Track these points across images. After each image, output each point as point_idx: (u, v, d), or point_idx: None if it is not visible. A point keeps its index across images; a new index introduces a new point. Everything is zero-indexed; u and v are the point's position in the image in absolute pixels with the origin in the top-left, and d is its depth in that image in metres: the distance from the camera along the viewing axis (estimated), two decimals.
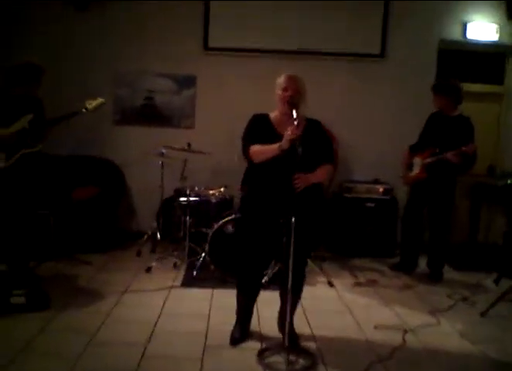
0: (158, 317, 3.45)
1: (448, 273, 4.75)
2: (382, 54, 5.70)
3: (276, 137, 2.92)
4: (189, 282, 4.19)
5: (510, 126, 6.04)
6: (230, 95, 5.71)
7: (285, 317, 3.16)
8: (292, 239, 2.77)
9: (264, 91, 5.73)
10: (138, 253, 4.99)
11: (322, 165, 2.99)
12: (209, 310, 3.62)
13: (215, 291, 4.04)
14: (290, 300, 2.88)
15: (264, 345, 3.06)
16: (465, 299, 4.09)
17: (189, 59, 5.67)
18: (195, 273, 4.28)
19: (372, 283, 4.50)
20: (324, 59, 5.68)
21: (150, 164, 5.57)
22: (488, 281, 4.56)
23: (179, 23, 5.61)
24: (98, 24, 5.57)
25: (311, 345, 3.12)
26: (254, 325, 3.28)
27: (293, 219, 2.78)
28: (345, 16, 5.62)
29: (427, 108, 4.96)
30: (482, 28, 5.64)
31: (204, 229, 4.74)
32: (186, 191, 4.79)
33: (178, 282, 4.23)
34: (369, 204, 5.37)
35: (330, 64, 5.72)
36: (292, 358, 2.85)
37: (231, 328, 3.20)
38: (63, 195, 4.82)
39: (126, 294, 3.89)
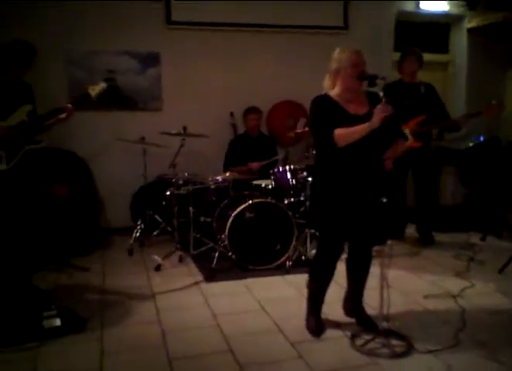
0: (215, 318, 3.19)
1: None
2: (346, 26, 5.71)
3: (348, 116, 2.79)
4: (211, 275, 3.92)
5: (454, 93, 6.45)
6: (198, 73, 5.39)
7: (356, 300, 3.13)
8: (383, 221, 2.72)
9: (232, 66, 5.50)
10: (130, 252, 4.56)
11: (397, 140, 2.91)
12: (260, 304, 3.43)
13: (245, 281, 3.83)
14: (386, 282, 2.81)
15: (347, 333, 2.97)
16: (471, 259, 4.34)
17: (150, 35, 5.19)
18: (214, 264, 4.02)
19: (379, 253, 4.58)
20: (290, 32, 5.55)
21: (119, 152, 5.14)
22: (475, 239, 4.89)
23: None
24: None
25: (384, 324, 3.09)
26: None
27: (385, 200, 2.72)
28: None
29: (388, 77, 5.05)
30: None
31: (203, 219, 4.48)
32: (173, 179, 4.46)
33: (198, 277, 3.95)
34: None
35: (296, 37, 5.61)
36: (386, 341, 2.81)
37: (296, 319, 3.08)
38: (42, 196, 4.21)
39: (157, 297, 3.54)
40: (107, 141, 5.10)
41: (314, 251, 4.29)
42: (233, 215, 3.98)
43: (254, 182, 4.59)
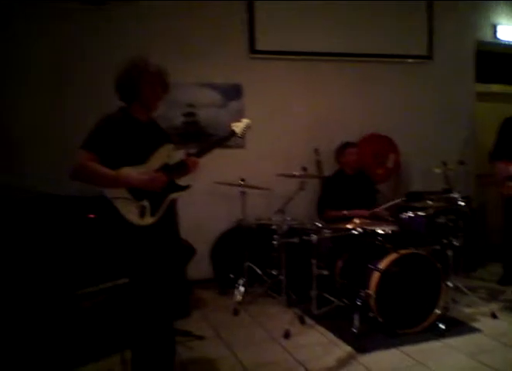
0: None
1: None
2: (430, 56, 5.35)
3: None
4: (361, 345, 3.22)
5: None
6: (281, 106, 4.92)
7: None
8: None
9: (314, 99, 4.97)
10: (236, 312, 3.91)
11: None
12: None
13: (403, 349, 3.21)
14: None
15: None
16: None
17: (233, 65, 4.70)
18: (356, 329, 3.37)
19: None
20: (371, 61, 5.16)
21: (200, 195, 4.51)
22: None
23: (219, 24, 4.63)
24: (116, 25, 4.35)
25: None
26: None
27: None
28: (391, 18, 5.17)
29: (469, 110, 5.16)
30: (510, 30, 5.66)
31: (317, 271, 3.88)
32: (273, 225, 3.98)
33: (343, 346, 3.29)
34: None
35: (378, 66, 5.20)
36: None
37: None
38: None
39: None
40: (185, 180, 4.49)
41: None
42: (381, 269, 3.40)
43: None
